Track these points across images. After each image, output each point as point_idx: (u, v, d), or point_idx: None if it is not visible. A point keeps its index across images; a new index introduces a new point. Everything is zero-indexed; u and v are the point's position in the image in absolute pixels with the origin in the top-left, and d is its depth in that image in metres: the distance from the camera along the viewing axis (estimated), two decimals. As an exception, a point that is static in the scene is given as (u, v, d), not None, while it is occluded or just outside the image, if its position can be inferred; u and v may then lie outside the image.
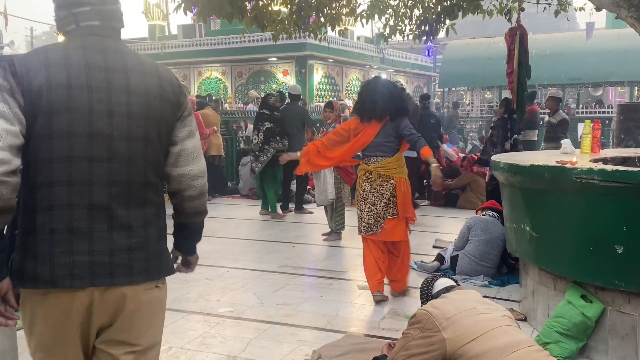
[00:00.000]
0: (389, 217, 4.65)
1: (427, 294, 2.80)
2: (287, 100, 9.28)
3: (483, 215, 5.65)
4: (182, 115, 1.94)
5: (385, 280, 4.89)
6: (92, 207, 1.74)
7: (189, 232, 2.12)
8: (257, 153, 8.46)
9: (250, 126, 13.59)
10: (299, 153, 5.17)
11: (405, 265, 4.92)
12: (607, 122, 14.97)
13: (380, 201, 4.65)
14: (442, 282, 2.80)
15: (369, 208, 4.70)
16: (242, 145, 12.28)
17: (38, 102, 1.67)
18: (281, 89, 15.73)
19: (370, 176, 4.72)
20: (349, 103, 20.48)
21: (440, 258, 5.77)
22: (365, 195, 4.73)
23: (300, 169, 5.17)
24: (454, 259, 5.52)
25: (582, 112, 18.46)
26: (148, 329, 1.90)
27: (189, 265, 2.21)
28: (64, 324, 1.75)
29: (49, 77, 1.69)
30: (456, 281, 2.88)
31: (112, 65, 1.80)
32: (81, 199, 1.73)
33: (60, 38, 2.27)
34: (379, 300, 4.68)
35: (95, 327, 1.80)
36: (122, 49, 1.86)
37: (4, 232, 1.70)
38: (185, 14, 6.60)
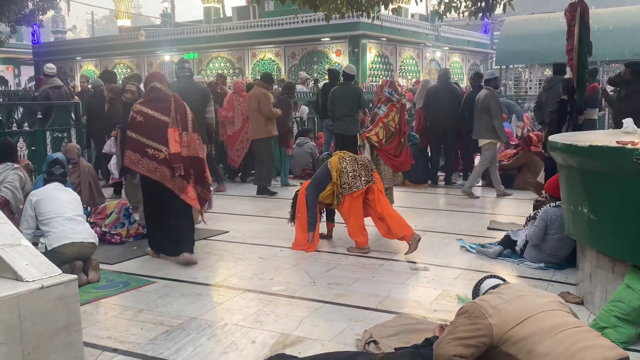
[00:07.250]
0: None
1: (475, 296, 2.94)
2: (341, 80, 9.17)
3: (554, 206, 5.15)
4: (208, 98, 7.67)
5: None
6: None
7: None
8: None
9: (304, 107, 13.56)
10: None
11: None
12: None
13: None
14: (489, 283, 2.90)
15: None
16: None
17: None
18: (332, 68, 15.49)
19: None
20: (403, 82, 20.21)
21: (506, 242, 5.49)
22: None
23: None
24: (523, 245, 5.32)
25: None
26: None
27: None
28: None
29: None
30: (503, 279, 2.96)
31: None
32: None
33: (120, 21, 21.10)
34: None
35: None
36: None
37: None
38: (239, -4, 6.66)
